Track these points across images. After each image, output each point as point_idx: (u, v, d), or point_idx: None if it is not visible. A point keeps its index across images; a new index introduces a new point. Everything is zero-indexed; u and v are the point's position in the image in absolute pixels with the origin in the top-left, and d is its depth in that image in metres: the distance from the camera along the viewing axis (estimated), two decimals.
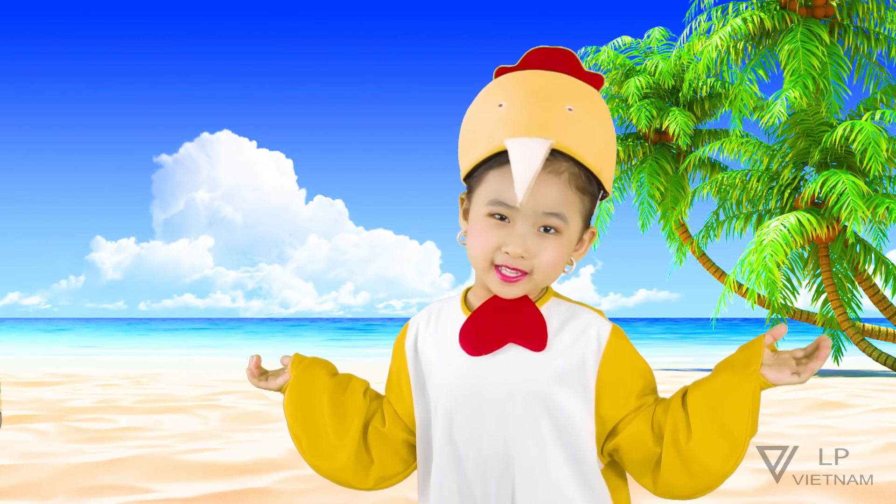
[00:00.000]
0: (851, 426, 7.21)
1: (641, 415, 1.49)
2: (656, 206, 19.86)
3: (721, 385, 1.44)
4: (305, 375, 1.67)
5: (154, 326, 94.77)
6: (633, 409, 1.49)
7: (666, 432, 1.46)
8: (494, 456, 1.48)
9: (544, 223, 1.43)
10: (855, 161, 16.07)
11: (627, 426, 1.49)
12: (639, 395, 1.50)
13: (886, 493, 4.44)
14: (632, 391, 1.50)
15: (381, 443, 1.63)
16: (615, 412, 1.49)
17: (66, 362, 23.94)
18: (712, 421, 1.43)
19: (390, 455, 1.63)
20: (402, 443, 1.63)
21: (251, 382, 1.71)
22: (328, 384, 1.66)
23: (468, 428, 1.50)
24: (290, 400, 1.66)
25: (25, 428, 6.95)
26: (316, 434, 1.63)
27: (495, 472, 1.49)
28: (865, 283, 17.24)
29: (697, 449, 1.43)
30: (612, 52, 20.07)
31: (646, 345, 41.08)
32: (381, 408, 1.66)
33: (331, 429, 1.62)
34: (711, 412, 1.43)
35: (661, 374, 15.88)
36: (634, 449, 1.49)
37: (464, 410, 1.50)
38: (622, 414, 1.49)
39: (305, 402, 1.65)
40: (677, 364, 23.37)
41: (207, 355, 31.57)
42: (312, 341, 49.00)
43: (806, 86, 16.26)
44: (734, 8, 18.04)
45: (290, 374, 1.68)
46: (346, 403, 1.64)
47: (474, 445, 1.49)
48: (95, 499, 4.47)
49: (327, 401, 1.64)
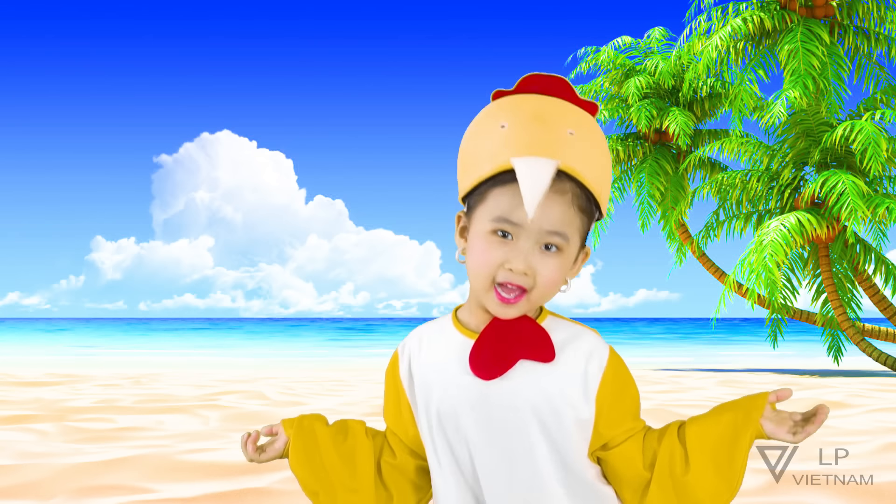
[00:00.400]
0: (851, 426, 7.21)
1: (634, 437, 1.55)
2: (656, 206, 19.85)
3: (724, 426, 1.51)
4: (304, 432, 1.67)
5: (154, 326, 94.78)
6: (626, 428, 1.54)
7: (660, 460, 1.51)
8: (498, 473, 1.51)
9: (547, 241, 1.45)
10: (855, 161, 16.07)
11: (619, 444, 1.54)
12: (633, 416, 1.55)
13: (886, 493, 4.44)
14: (627, 411, 1.54)
15: (397, 475, 1.65)
16: (611, 430, 1.53)
17: (66, 362, 23.93)
18: (711, 459, 1.50)
19: (407, 485, 1.65)
20: (416, 469, 1.65)
21: (247, 458, 1.70)
22: (328, 434, 1.67)
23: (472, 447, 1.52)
24: (298, 458, 1.66)
25: (25, 428, 6.94)
26: (332, 485, 1.65)
27: (500, 489, 1.51)
28: (865, 283, 17.24)
29: (694, 482, 1.49)
30: (612, 52, 20.06)
31: (646, 345, 41.05)
32: (386, 441, 1.68)
33: (346, 476, 1.64)
34: (711, 451, 1.50)
35: (661, 374, 15.86)
36: (624, 467, 1.54)
37: (468, 430, 1.52)
38: (616, 432, 1.53)
39: (313, 457, 1.66)
40: (677, 364, 23.35)
41: (207, 355, 31.56)
42: (312, 341, 48.97)
43: (806, 86, 16.26)
44: (734, 8, 18.04)
45: (287, 436, 1.68)
46: (353, 448, 1.66)
47: (478, 463, 1.52)
48: (95, 499, 4.47)
49: (334, 450, 1.65)
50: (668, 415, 7.81)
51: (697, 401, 9.38)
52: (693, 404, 8.88)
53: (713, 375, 15.64)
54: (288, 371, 17.91)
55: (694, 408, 8.50)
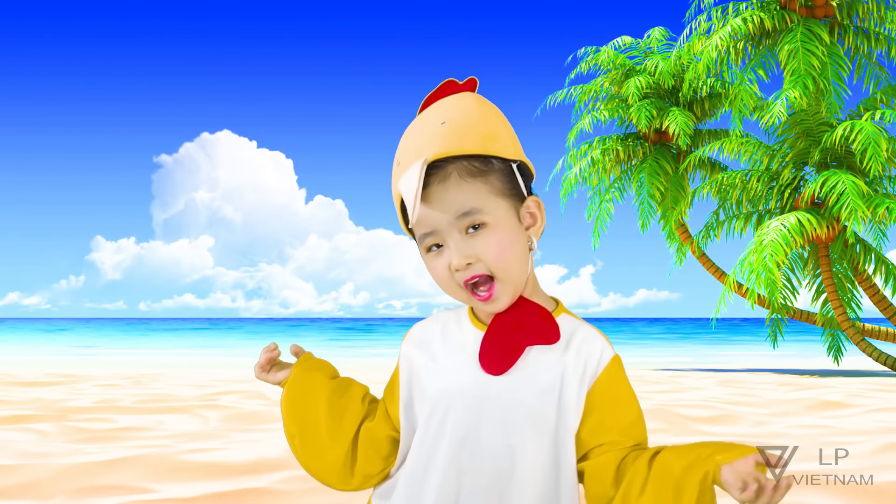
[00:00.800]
0: (851, 426, 7.20)
1: (614, 452, 1.49)
2: (656, 206, 19.85)
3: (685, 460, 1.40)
4: (306, 375, 1.69)
5: (154, 326, 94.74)
6: (609, 441, 1.49)
7: (624, 480, 1.45)
8: (488, 465, 1.49)
9: (466, 224, 1.45)
10: (855, 161, 16.06)
11: (599, 456, 1.49)
12: (621, 431, 1.49)
13: (886, 493, 4.44)
14: (615, 423, 1.49)
15: (368, 439, 1.64)
16: (593, 437, 1.49)
17: (66, 362, 23.93)
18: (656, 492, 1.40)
19: (373, 451, 1.63)
20: (386, 438, 1.63)
21: (255, 369, 1.73)
22: (327, 386, 1.68)
23: (465, 436, 1.50)
24: (288, 398, 1.69)
25: (25, 428, 6.94)
26: (308, 435, 1.66)
27: (485, 480, 1.49)
28: (865, 283, 17.23)
29: None
30: (612, 52, 20.06)
31: (646, 345, 41.04)
32: (377, 408, 1.68)
33: (324, 429, 1.65)
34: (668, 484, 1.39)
35: (661, 374, 15.86)
36: (593, 482, 1.49)
37: (463, 419, 1.50)
38: (598, 441, 1.49)
39: (302, 401, 1.67)
40: (677, 364, 23.35)
41: (207, 355, 31.55)
42: (312, 341, 48.96)
43: (806, 86, 16.25)
44: (734, 8, 18.03)
45: (291, 372, 1.71)
46: (345, 407, 1.66)
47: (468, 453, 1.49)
48: (95, 499, 4.47)
49: (324, 402, 1.66)
50: (669, 415, 7.80)
51: (697, 401, 9.38)
52: (693, 404, 8.88)
53: (713, 375, 15.64)
54: None
55: (694, 408, 8.50)
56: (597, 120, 19.93)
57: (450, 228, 1.45)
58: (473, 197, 1.44)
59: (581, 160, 19.94)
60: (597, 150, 19.82)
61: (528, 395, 1.48)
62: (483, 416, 1.49)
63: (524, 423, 1.48)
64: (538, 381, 1.48)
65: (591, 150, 19.95)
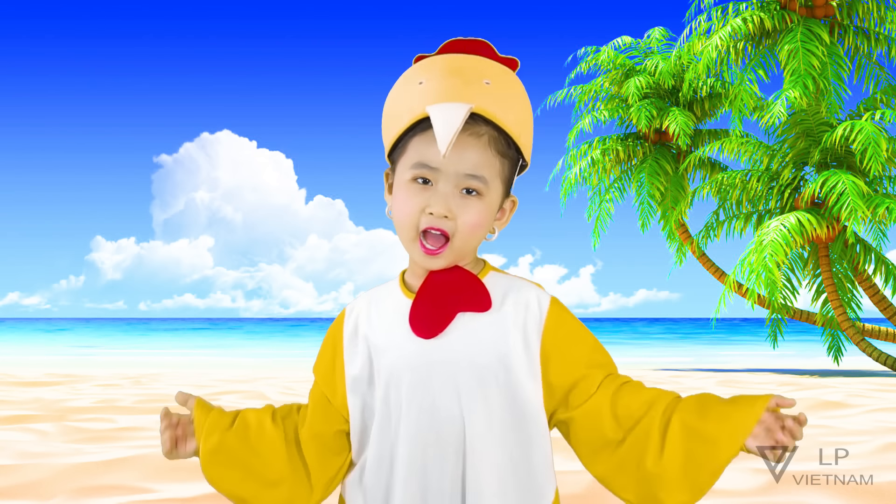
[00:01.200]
0: (851, 426, 7.20)
1: (602, 390, 1.51)
2: (656, 206, 19.85)
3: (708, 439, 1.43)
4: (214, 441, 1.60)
5: (154, 326, 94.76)
6: (581, 376, 1.51)
7: (633, 438, 1.47)
8: (448, 430, 1.49)
9: (466, 185, 1.46)
10: (855, 161, 16.06)
11: (587, 401, 1.50)
12: (587, 363, 1.52)
13: (886, 493, 4.44)
14: (578, 358, 1.52)
15: (316, 444, 1.60)
16: (563, 379, 1.51)
17: (66, 362, 23.92)
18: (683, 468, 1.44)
19: (325, 453, 1.60)
20: (335, 434, 1.60)
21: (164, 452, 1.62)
22: (236, 444, 1.60)
23: (421, 406, 1.49)
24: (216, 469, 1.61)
25: (25, 428, 6.94)
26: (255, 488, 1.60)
27: (450, 447, 1.49)
28: (865, 283, 17.24)
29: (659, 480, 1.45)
30: (612, 52, 20.06)
31: (646, 345, 41.06)
32: (306, 411, 1.63)
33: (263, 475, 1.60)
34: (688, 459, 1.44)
35: (661, 374, 15.87)
36: (588, 427, 1.50)
37: (415, 390, 1.50)
38: (571, 380, 1.51)
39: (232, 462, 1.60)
40: (677, 364, 23.36)
41: (207, 355, 31.54)
42: (312, 341, 48.90)
43: (806, 86, 16.25)
44: (734, 8, 18.03)
45: (199, 445, 1.61)
46: (259, 443, 1.60)
47: (427, 423, 1.49)
48: (95, 499, 4.47)
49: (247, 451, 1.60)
50: None
51: None
52: None
53: (713, 375, 15.64)
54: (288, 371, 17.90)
55: None
56: (597, 120, 19.93)
57: (452, 177, 1.46)
58: (489, 169, 1.47)
59: (581, 160, 19.95)
60: (597, 150, 19.83)
61: (472, 355, 1.48)
62: (433, 384, 1.49)
63: (474, 384, 1.48)
64: (479, 340, 1.49)
65: (591, 150, 19.95)
